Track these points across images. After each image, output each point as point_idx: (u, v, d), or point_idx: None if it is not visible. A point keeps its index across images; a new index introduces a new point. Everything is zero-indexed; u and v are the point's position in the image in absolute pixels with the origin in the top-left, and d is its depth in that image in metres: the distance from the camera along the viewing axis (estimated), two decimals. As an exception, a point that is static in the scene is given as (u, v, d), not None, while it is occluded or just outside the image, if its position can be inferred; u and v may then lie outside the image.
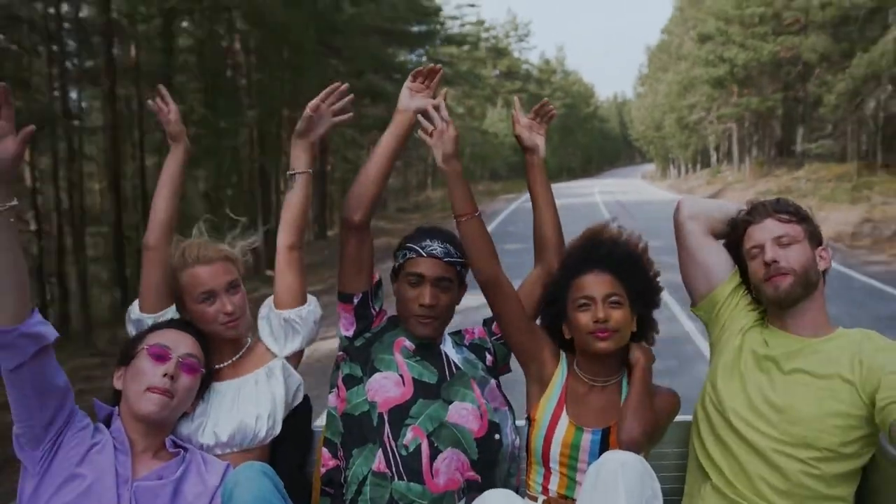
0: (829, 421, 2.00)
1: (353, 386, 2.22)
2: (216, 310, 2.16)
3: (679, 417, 2.25)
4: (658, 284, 2.23)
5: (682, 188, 45.56)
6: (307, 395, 2.33)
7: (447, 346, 2.31)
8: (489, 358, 2.36)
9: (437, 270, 2.21)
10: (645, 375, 2.12)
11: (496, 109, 52.96)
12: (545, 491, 2.16)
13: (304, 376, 2.31)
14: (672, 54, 58.83)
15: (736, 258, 2.25)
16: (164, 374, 1.99)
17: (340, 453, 2.21)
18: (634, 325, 2.16)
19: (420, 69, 2.31)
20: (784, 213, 2.15)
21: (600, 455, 1.98)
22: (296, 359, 2.30)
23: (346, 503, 2.15)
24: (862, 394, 1.98)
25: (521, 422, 2.31)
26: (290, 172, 2.27)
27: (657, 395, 2.15)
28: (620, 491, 1.82)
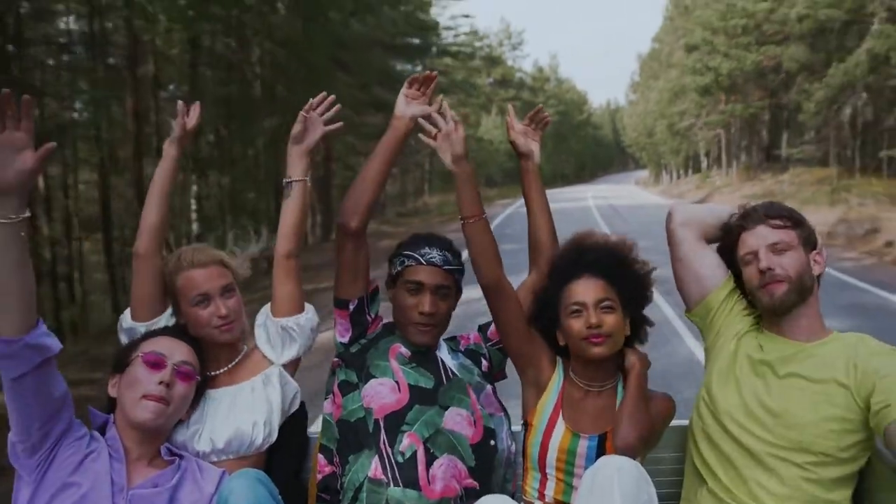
0: (825, 425, 1.97)
1: (349, 392, 2.18)
2: (210, 313, 2.12)
3: (675, 422, 2.21)
4: (650, 282, 2.18)
5: (673, 193, 46.33)
6: (303, 401, 2.29)
7: (443, 353, 2.26)
8: (485, 363, 2.32)
9: (437, 279, 2.17)
10: (640, 380, 2.08)
11: (491, 117, 52.99)
12: (541, 496, 2.11)
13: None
14: (662, 62, 59.16)
15: (730, 263, 2.21)
16: (160, 382, 1.95)
17: (336, 459, 2.16)
18: (628, 328, 2.12)
19: (416, 76, 2.27)
20: (777, 218, 2.11)
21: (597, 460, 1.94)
22: (292, 366, 2.26)
23: None
24: (857, 398, 1.95)
25: (516, 427, 2.27)
26: (286, 181, 2.24)
27: (653, 400, 2.11)
28: (616, 496, 1.78)
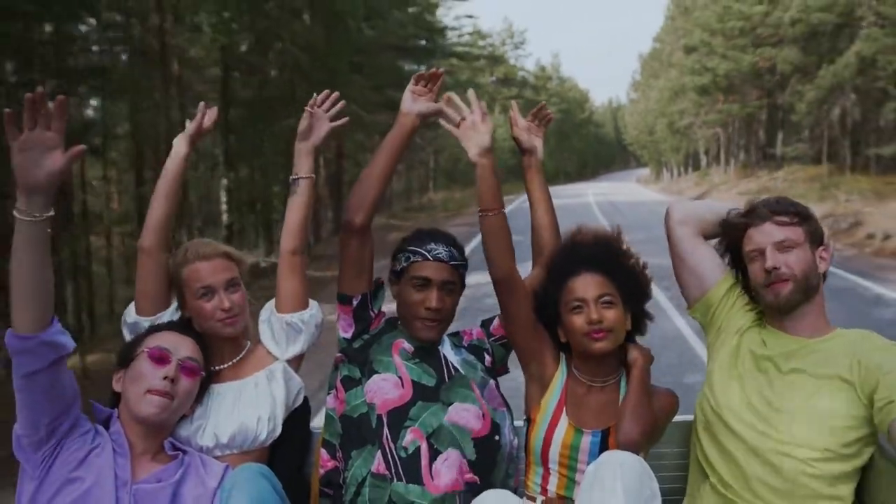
0: (828, 421, 1.93)
1: (352, 388, 2.14)
2: (214, 306, 2.09)
3: (678, 417, 2.17)
4: (646, 276, 2.14)
5: (672, 190, 46.61)
6: (305, 396, 2.25)
7: (446, 348, 2.23)
8: (487, 359, 2.29)
9: (444, 274, 2.14)
10: (643, 375, 2.05)
11: (493, 115, 52.67)
12: (544, 491, 2.08)
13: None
14: (663, 62, 59.09)
15: (735, 258, 2.16)
16: (165, 377, 1.92)
17: (339, 454, 2.13)
18: (629, 323, 2.08)
19: (422, 73, 2.23)
20: (784, 214, 2.05)
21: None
22: (296, 362, 2.23)
23: None
24: (860, 394, 1.91)
25: (518, 422, 2.23)
26: (293, 177, 2.21)
27: (656, 396, 2.07)
28: (619, 491, 1.75)
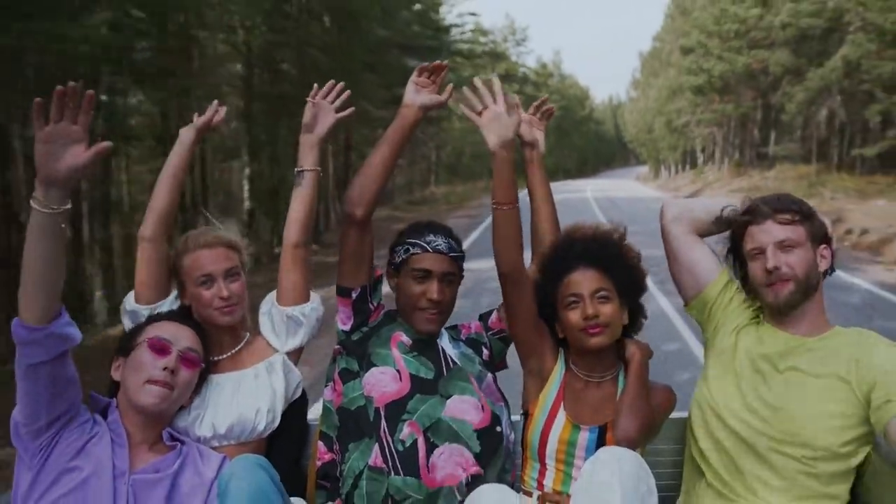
0: (825, 420, 1.90)
1: (350, 380, 2.11)
2: (212, 294, 2.07)
3: (675, 414, 2.14)
4: (642, 270, 2.10)
5: (669, 187, 47.19)
6: (303, 388, 2.23)
7: (444, 341, 2.20)
8: (485, 353, 2.26)
9: (444, 265, 2.11)
10: (641, 371, 2.02)
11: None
12: (540, 486, 2.04)
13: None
14: (663, 61, 59.01)
15: (736, 254, 2.12)
16: (165, 368, 1.90)
17: (336, 447, 2.10)
18: (626, 317, 2.05)
19: (426, 65, 2.19)
20: (786, 212, 2.01)
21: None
22: (295, 355, 2.21)
23: (342, 497, 2.04)
24: (858, 393, 1.88)
25: (515, 417, 2.20)
26: (297, 170, 2.17)
27: (653, 392, 2.04)
28: (616, 487, 1.73)
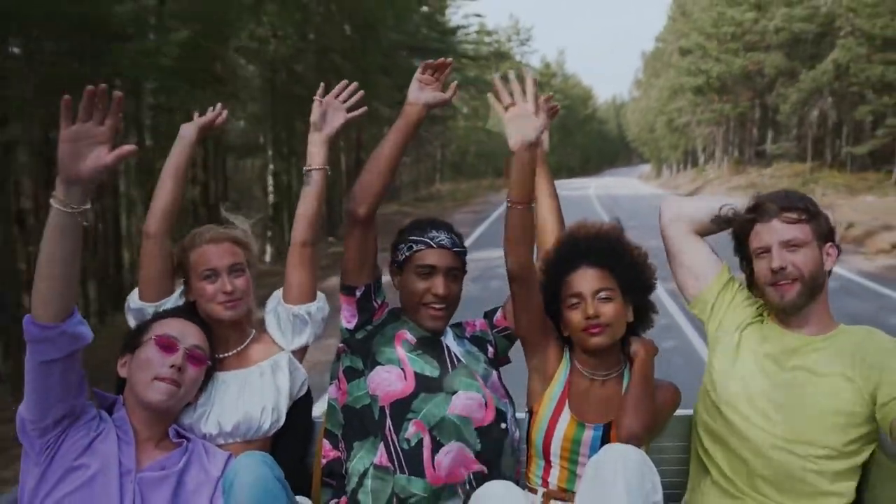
0: (831, 419, 1.87)
1: (354, 379, 2.09)
2: (216, 288, 2.05)
3: (679, 412, 2.11)
4: (649, 267, 2.07)
5: (670, 185, 47.56)
6: (308, 385, 2.21)
7: (448, 339, 2.16)
8: (490, 350, 2.23)
9: (448, 261, 2.09)
10: (645, 369, 1.99)
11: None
12: (545, 483, 2.02)
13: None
14: (664, 61, 58.65)
15: (742, 252, 2.08)
16: (172, 365, 1.87)
17: (341, 445, 2.08)
18: (630, 315, 2.02)
19: (430, 62, 2.14)
20: (792, 211, 1.96)
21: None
22: (301, 353, 2.19)
23: (347, 495, 2.01)
24: (864, 392, 1.85)
25: (520, 414, 2.17)
26: (305, 168, 2.15)
27: (658, 389, 2.01)
28: (620, 484, 1.71)
